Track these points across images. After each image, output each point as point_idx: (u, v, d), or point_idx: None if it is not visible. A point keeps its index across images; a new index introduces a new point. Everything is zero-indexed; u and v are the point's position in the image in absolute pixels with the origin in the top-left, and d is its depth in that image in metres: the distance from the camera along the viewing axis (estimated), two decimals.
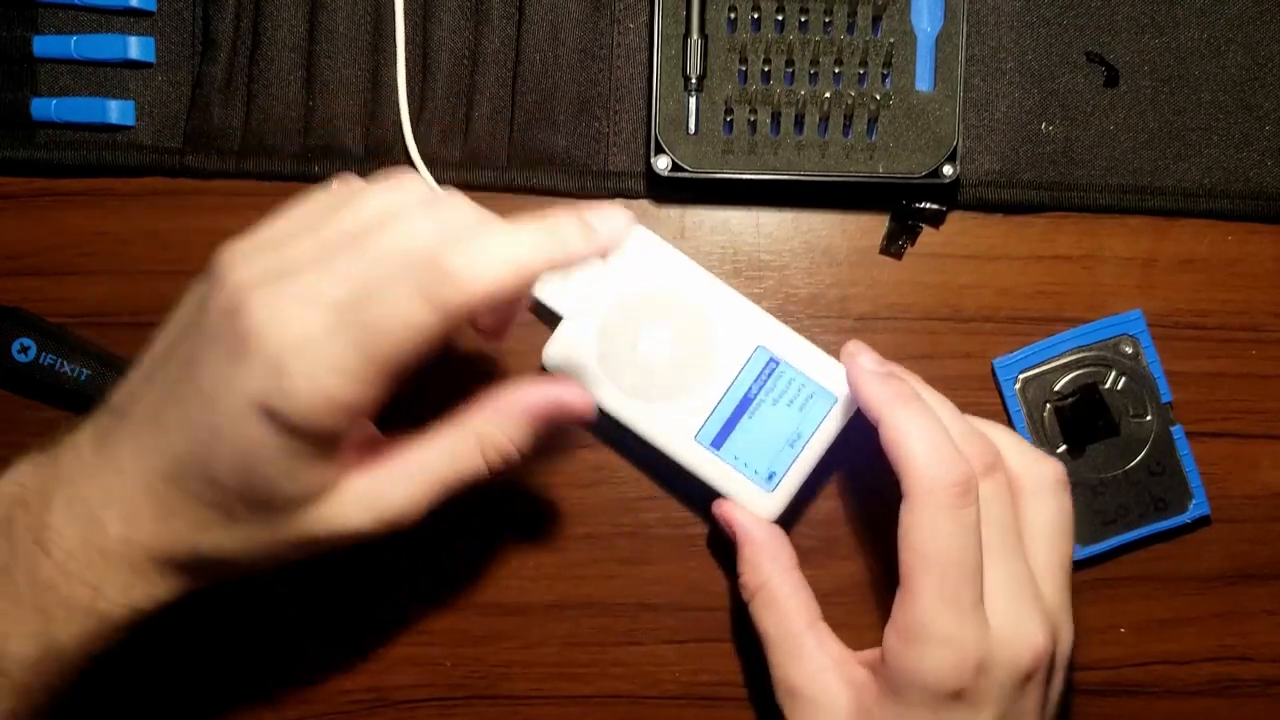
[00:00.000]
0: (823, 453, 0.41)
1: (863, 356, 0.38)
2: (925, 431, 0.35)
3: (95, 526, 0.33)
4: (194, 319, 0.34)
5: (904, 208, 0.44)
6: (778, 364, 0.41)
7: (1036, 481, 0.38)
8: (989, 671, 0.34)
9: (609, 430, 0.42)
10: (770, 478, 0.41)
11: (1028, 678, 0.35)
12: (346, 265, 0.32)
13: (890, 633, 0.36)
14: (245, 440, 0.32)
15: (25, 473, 0.35)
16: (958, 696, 0.34)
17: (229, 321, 0.32)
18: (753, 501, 0.41)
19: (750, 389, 0.41)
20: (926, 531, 0.35)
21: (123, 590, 0.34)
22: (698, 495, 0.44)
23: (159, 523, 0.33)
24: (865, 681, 0.37)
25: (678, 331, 0.41)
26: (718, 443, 0.41)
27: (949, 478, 0.35)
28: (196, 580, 0.35)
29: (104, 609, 0.33)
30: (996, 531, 0.36)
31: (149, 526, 0.33)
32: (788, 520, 0.42)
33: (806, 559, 0.41)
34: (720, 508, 0.41)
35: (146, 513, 0.33)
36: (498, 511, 0.44)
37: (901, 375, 0.39)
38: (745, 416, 0.41)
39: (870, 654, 0.38)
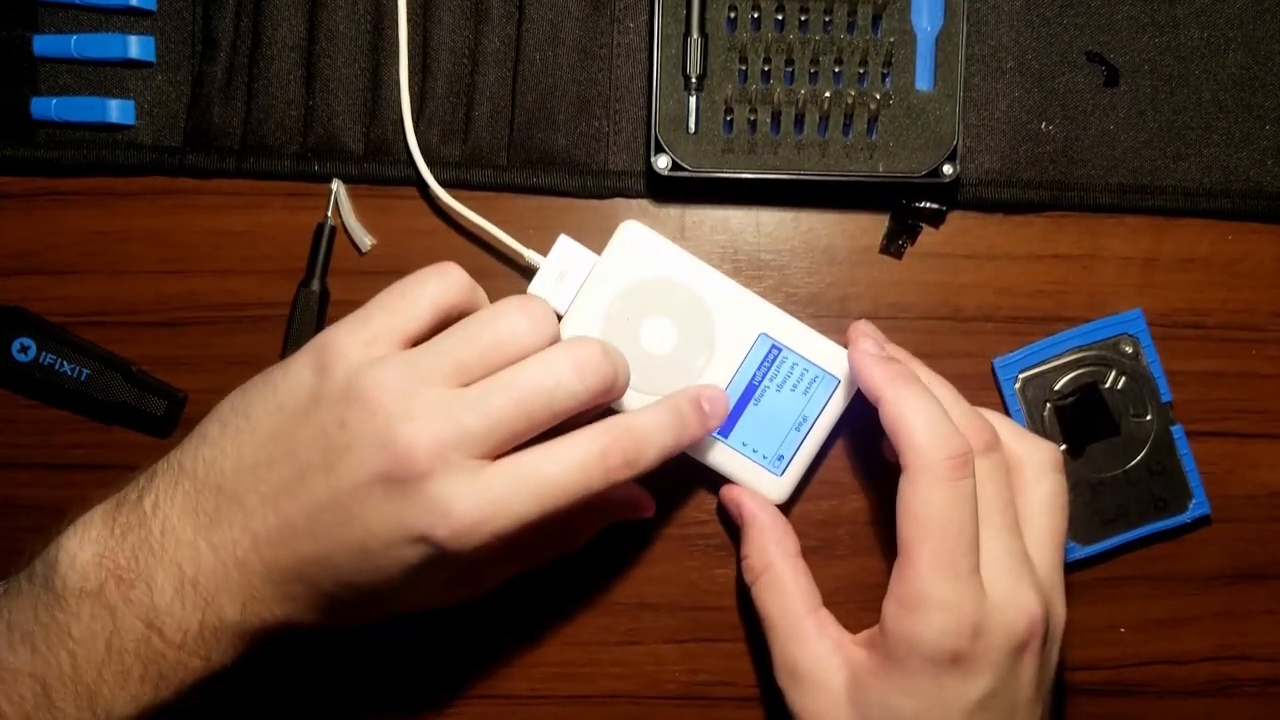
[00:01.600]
0: (828, 434, 0.42)
1: (864, 341, 0.40)
2: (922, 408, 0.36)
3: (213, 611, 0.34)
4: (318, 423, 0.34)
5: (904, 207, 0.44)
6: (780, 350, 0.41)
7: (1032, 462, 0.39)
8: (986, 636, 0.35)
9: None
10: (779, 462, 0.41)
11: (1023, 645, 0.36)
12: (498, 400, 0.34)
13: (889, 603, 0.36)
14: (394, 560, 0.34)
15: (103, 539, 0.34)
16: (955, 661, 0.35)
17: (382, 454, 0.33)
18: (763, 486, 0.42)
19: (755, 376, 0.41)
20: (924, 501, 0.35)
21: (228, 655, 0.35)
22: (697, 496, 0.44)
23: (277, 606, 0.35)
24: (862, 658, 0.37)
25: (679, 323, 0.41)
26: (725, 431, 0.41)
27: (945, 450, 0.36)
28: (277, 638, 0.36)
29: (209, 670, 0.35)
30: (992, 507, 0.37)
31: (265, 610, 0.35)
32: (788, 515, 0.42)
33: (806, 559, 0.41)
34: (728, 492, 0.42)
35: (264, 598, 0.34)
36: None
37: (902, 359, 0.40)
38: (751, 403, 0.41)
39: (867, 634, 0.38)
